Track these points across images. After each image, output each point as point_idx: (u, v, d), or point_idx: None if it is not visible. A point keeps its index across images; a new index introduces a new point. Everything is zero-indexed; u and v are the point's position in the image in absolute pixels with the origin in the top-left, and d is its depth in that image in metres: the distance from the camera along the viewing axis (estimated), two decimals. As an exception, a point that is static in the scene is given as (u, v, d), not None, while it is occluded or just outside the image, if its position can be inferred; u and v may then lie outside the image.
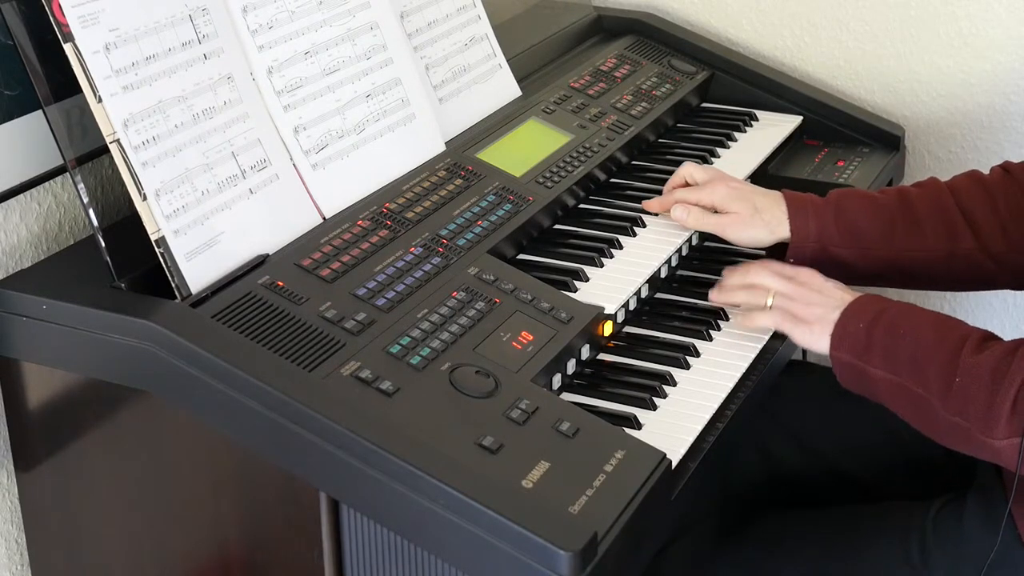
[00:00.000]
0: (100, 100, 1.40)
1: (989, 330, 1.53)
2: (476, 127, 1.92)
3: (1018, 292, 2.33)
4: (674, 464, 1.41)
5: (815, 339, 1.60)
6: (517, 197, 1.77)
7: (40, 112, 1.44)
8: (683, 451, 1.45)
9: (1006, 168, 1.80)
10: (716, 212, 1.80)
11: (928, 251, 1.77)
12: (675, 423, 1.49)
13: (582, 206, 1.90)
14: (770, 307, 1.64)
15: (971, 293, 2.37)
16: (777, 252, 1.81)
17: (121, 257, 1.45)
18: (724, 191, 1.80)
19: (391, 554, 1.35)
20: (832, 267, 1.77)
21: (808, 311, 1.61)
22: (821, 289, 1.63)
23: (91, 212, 1.45)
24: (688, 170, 1.86)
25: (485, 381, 1.42)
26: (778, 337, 1.68)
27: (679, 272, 1.84)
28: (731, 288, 1.69)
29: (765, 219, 1.77)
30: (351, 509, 1.36)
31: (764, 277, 1.67)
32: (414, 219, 1.66)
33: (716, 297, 1.70)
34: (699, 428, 1.49)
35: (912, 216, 1.77)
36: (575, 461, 1.33)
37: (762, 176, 2.10)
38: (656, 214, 1.86)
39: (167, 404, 1.41)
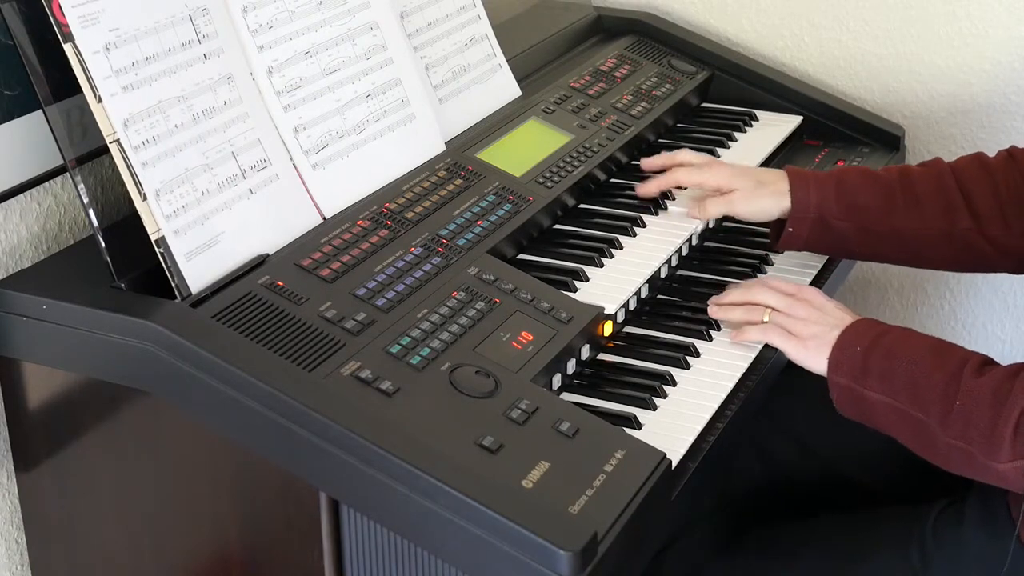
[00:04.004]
0: (100, 100, 1.40)
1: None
2: (476, 127, 1.92)
3: (1019, 293, 2.34)
4: (674, 464, 1.41)
5: (809, 355, 1.59)
6: (517, 197, 1.77)
7: (40, 112, 1.43)
8: (683, 451, 1.45)
9: (1011, 152, 1.81)
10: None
11: (926, 229, 1.78)
12: (675, 423, 1.49)
13: (582, 206, 1.90)
14: (765, 323, 1.64)
15: (972, 294, 2.37)
16: (777, 229, 1.83)
17: (121, 257, 1.45)
18: (726, 171, 1.85)
19: (391, 554, 1.35)
20: (831, 240, 1.80)
21: (804, 328, 1.61)
22: (822, 308, 1.63)
23: (91, 212, 1.45)
24: (685, 155, 1.90)
25: (485, 381, 1.42)
26: (778, 337, 1.68)
27: (679, 272, 1.84)
28: (730, 305, 1.69)
29: (770, 189, 1.81)
30: (351, 509, 1.36)
31: (764, 295, 1.67)
32: (414, 219, 1.66)
33: (714, 313, 1.70)
34: (699, 428, 1.49)
35: (912, 193, 1.79)
36: (575, 461, 1.33)
37: (762, 176, 2.10)
38: (656, 210, 1.87)
39: (167, 404, 1.41)
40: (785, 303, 1.64)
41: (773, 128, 2.22)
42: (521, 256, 1.75)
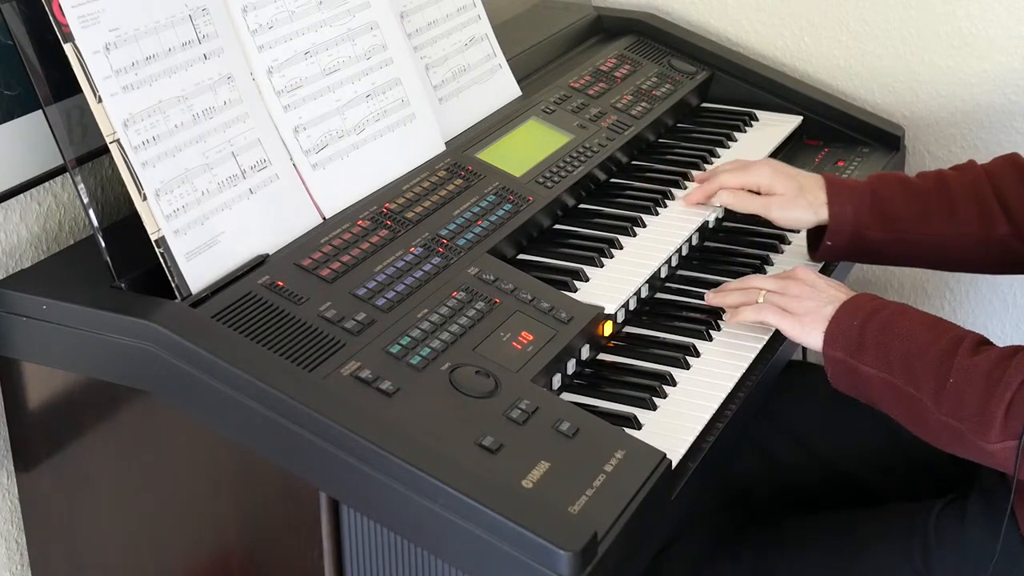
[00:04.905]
0: (100, 100, 1.40)
1: (984, 335, 1.53)
2: (476, 127, 1.92)
3: (1019, 293, 2.34)
4: (674, 464, 1.41)
5: (804, 332, 1.60)
6: (517, 197, 1.77)
7: (40, 112, 1.43)
8: (683, 451, 1.45)
9: None
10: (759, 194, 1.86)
11: (962, 236, 1.79)
12: (675, 423, 1.49)
13: (582, 206, 1.90)
14: (760, 303, 1.65)
15: (972, 294, 2.37)
16: (813, 236, 1.86)
17: (121, 257, 1.45)
18: (769, 171, 1.85)
19: (391, 554, 1.35)
20: (867, 250, 1.81)
21: (798, 304, 1.62)
22: (814, 284, 1.64)
23: (91, 212, 1.45)
24: (726, 166, 1.91)
25: (485, 381, 1.42)
26: (778, 337, 1.68)
27: (679, 272, 1.84)
28: (727, 290, 1.70)
29: (809, 199, 1.82)
30: (351, 509, 1.36)
31: (758, 280, 1.69)
32: (414, 219, 1.66)
33: (711, 298, 1.71)
34: (699, 428, 1.49)
35: (948, 201, 1.79)
36: (575, 461, 1.33)
37: (762, 176, 2.10)
38: (656, 210, 1.87)
39: (167, 404, 1.41)
40: (779, 284, 1.66)
41: (773, 128, 2.22)
42: (521, 256, 1.75)
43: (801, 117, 2.26)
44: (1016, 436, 1.42)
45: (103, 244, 1.44)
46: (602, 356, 1.63)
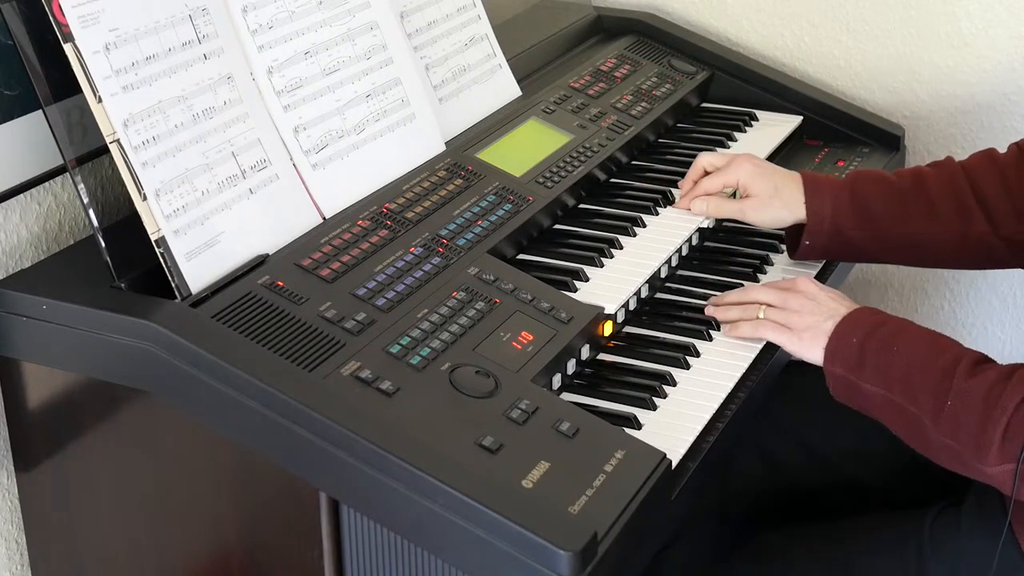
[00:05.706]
0: (100, 100, 1.40)
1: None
2: (476, 127, 1.92)
3: (1019, 293, 2.33)
4: (674, 464, 1.41)
5: (804, 347, 1.60)
6: (517, 197, 1.77)
7: (40, 112, 1.43)
8: (683, 451, 1.45)
9: (1020, 147, 1.81)
10: (736, 196, 1.85)
11: (941, 234, 1.79)
12: (675, 423, 1.49)
13: (582, 206, 1.90)
14: (760, 319, 1.64)
15: (972, 294, 2.37)
16: (792, 237, 1.84)
17: (121, 257, 1.45)
18: (749, 168, 1.84)
19: (391, 554, 1.35)
20: (846, 248, 1.80)
21: (798, 320, 1.61)
22: (815, 298, 1.63)
23: (91, 212, 1.45)
24: (707, 159, 1.89)
25: (485, 381, 1.42)
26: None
27: (679, 272, 1.84)
28: (727, 304, 1.69)
29: (784, 199, 1.81)
30: (351, 509, 1.36)
31: (758, 292, 1.68)
32: (414, 219, 1.66)
33: (711, 312, 1.70)
34: (699, 428, 1.49)
35: (926, 199, 1.79)
36: (575, 461, 1.33)
37: (762, 176, 2.10)
38: (656, 210, 1.87)
39: (167, 404, 1.41)
40: (779, 298, 1.65)
41: (773, 128, 2.22)
42: (521, 256, 1.75)
43: (801, 117, 2.26)
44: (1014, 459, 1.42)
45: (103, 244, 1.44)
46: (602, 356, 1.63)
